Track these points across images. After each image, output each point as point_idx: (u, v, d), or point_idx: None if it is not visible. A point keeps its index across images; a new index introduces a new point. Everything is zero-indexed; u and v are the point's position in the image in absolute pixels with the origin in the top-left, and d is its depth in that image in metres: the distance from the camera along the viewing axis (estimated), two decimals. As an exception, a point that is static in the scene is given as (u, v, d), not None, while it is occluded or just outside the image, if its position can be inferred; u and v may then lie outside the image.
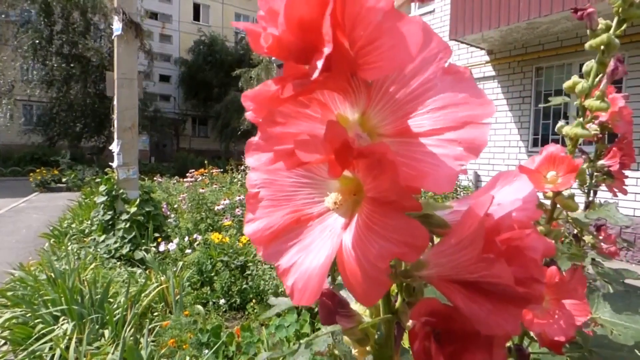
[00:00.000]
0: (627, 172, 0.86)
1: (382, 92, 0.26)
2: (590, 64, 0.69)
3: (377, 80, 0.26)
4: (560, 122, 0.70)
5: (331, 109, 0.27)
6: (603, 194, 0.92)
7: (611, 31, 0.66)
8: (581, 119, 0.68)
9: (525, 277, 0.25)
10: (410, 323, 0.30)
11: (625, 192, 0.88)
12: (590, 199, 0.97)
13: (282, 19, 0.23)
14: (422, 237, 0.23)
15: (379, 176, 0.23)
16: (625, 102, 0.79)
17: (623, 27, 0.67)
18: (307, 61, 0.24)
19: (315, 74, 0.22)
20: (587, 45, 0.67)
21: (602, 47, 0.65)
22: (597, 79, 0.68)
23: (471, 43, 6.47)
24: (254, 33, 0.25)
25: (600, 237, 0.95)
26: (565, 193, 0.65)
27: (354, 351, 0.36)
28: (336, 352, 1.17)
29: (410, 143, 0.25)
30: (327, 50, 0.22)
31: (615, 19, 0.67)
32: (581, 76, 0.71)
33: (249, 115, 0.27)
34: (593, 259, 0.98)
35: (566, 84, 0.70)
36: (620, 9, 0.68)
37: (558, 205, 0.70)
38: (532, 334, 0.61)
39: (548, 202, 0.71)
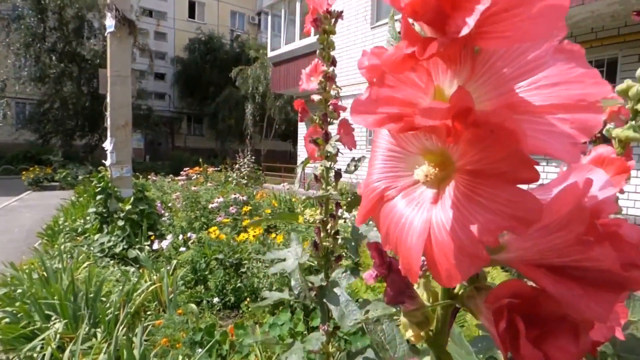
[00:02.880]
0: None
1: (488, 65, 0.24)
2: None
3: (484, 52, 0.24)
4: (609, 125, 0.69)
5: (432, 79, 0.26)
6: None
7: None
8: (633, 122, 0.67)
9: (625, 263, 0.24)
10: (486, 306, 0.28)
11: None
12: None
13: None
14: (536, 210, 0.22)
15: (491, 146, 0.22)
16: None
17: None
18: (440, 23, 0.22)
19: (465, 30, 0.21)
20: None
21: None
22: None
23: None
24: None
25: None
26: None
27: (408, 335, 0.35)
28: (330, 349, 1.17)
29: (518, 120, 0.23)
30: (481, 7, 0.20)
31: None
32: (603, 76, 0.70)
33: (362, 72, 0.26)
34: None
35: (619, 87, 0.68)
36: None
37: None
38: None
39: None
